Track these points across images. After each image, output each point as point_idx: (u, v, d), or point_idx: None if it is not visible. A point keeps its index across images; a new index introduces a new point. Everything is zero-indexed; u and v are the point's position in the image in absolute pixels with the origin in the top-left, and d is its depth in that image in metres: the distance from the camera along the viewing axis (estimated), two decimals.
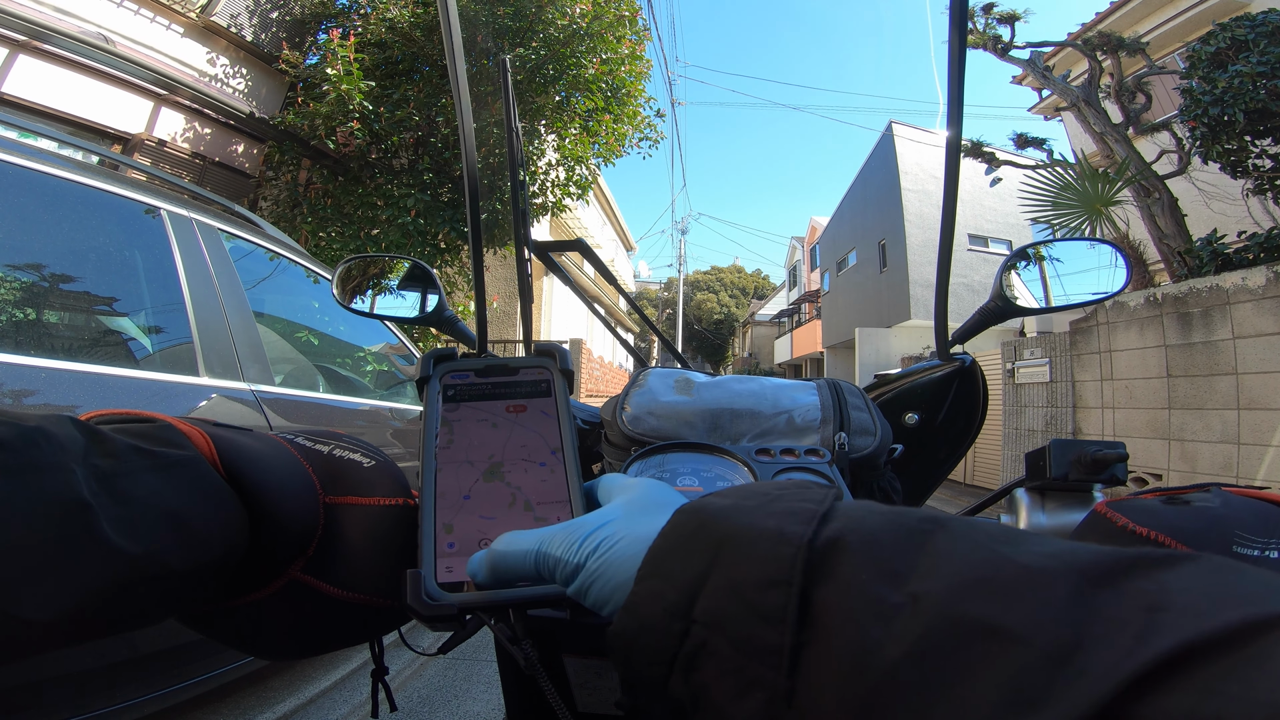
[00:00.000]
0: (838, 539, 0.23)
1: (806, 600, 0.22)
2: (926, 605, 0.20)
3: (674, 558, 0.27)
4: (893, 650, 0.19)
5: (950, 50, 0.71)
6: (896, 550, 0.22)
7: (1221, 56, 5.06)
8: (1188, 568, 0.19)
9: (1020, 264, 0.87)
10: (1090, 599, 0.18)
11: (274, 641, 0.40)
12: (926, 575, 0.21)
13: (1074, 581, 0.19)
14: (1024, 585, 0.19)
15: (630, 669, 0.28)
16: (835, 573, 0.22)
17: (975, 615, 0.19)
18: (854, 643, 0.20)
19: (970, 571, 0.20)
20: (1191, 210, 6.00)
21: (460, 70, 0.69)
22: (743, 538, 0.25)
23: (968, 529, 0.23)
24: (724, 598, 0.24)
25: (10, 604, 0.25)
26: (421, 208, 6.09)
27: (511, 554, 0.34)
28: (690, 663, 0.24)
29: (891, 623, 0.20)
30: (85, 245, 1.65)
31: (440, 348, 0.49)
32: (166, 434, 0.34)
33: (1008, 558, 0.20)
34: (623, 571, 0.29)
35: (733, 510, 0.27)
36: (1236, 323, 4.37)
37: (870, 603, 0.21)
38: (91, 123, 5.50)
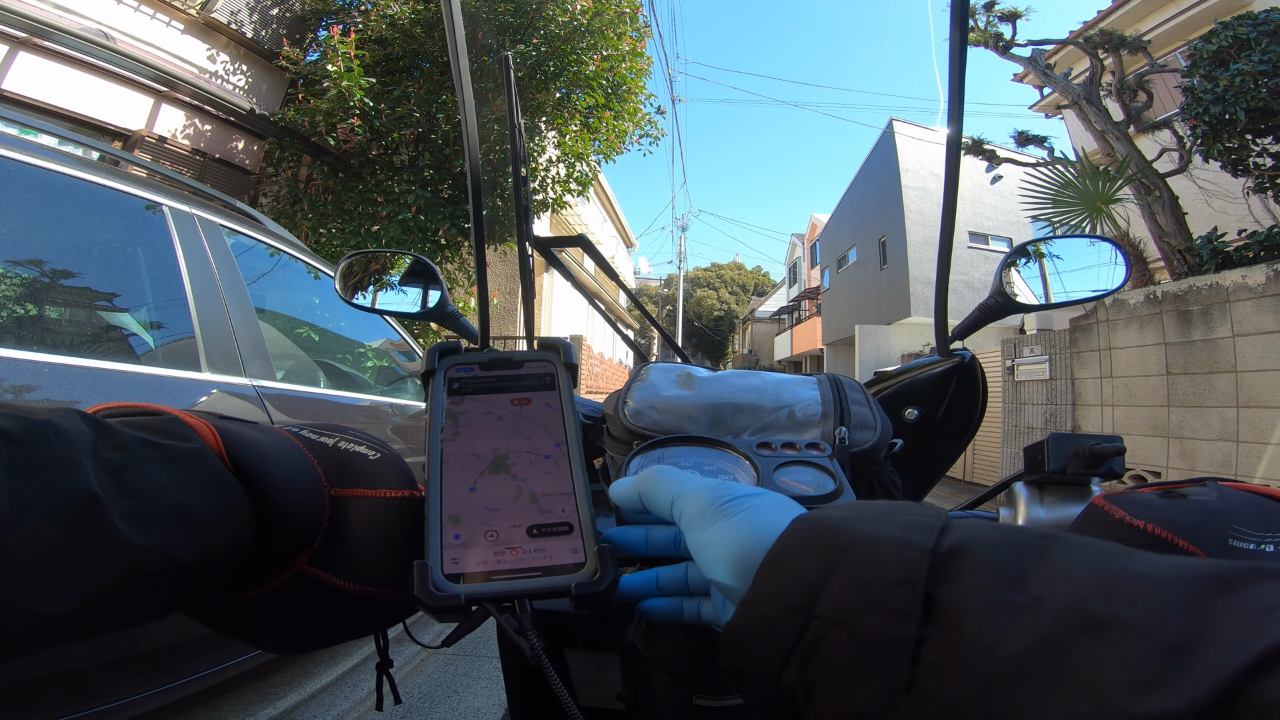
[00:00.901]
0: (959, 545, 0.25)
1: (930, 599, 0.23)
2: (1050, 604, 0.21)
3: (796, 560, 0.28)
4: (1017, 643, 0.20)
5: (951, 48, 0.71)
6: (1016, 559, 0.23)
7: (1223, 55, 5.05)
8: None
9: (1020, 261, 0.87)
10: (1209, 601, 0.19)
11: (280, 634, 0.41)
12: (1048, 581, 0.22)
13: (1193, 587, 0.20)
14: (1145, 588, 0.20)
15: (745, 660, 0.29)
16: (959, 576, 0.23)
17: (1098, 612, 0.20)
18: (979, 635, 0.21)
19: (1091, 578, 0.22)
20: (1192, 208, 5.99)
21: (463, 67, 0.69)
22: (867, 543, 0.26)
23: (1087, 544, 0.24)
24: (848, 596, 0.25)
25: (22, 597, 0.25)
26: (422, 204, 6.09)
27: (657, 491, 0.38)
28: (809, 655, 0.26)
29: (1016, 619, 0.21)
30: (87, 241, 1.65)
31: (444, 342, 0.50)
32: (173, 427, 0.34)
33: (1128, 567, 0.22)
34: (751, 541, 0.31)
35: (855, 520, 0.28)
36: (1236, 321, 4.37)
37: (994, 601, 0.22)
38: (92, 119, 5.50)
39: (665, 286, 51.39)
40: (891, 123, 17.90)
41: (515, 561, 0.38)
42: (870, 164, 19.82)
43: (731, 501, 0.34)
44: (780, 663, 0.27)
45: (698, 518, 0.34)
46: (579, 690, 0.64)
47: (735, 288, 47.83)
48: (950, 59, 0.72)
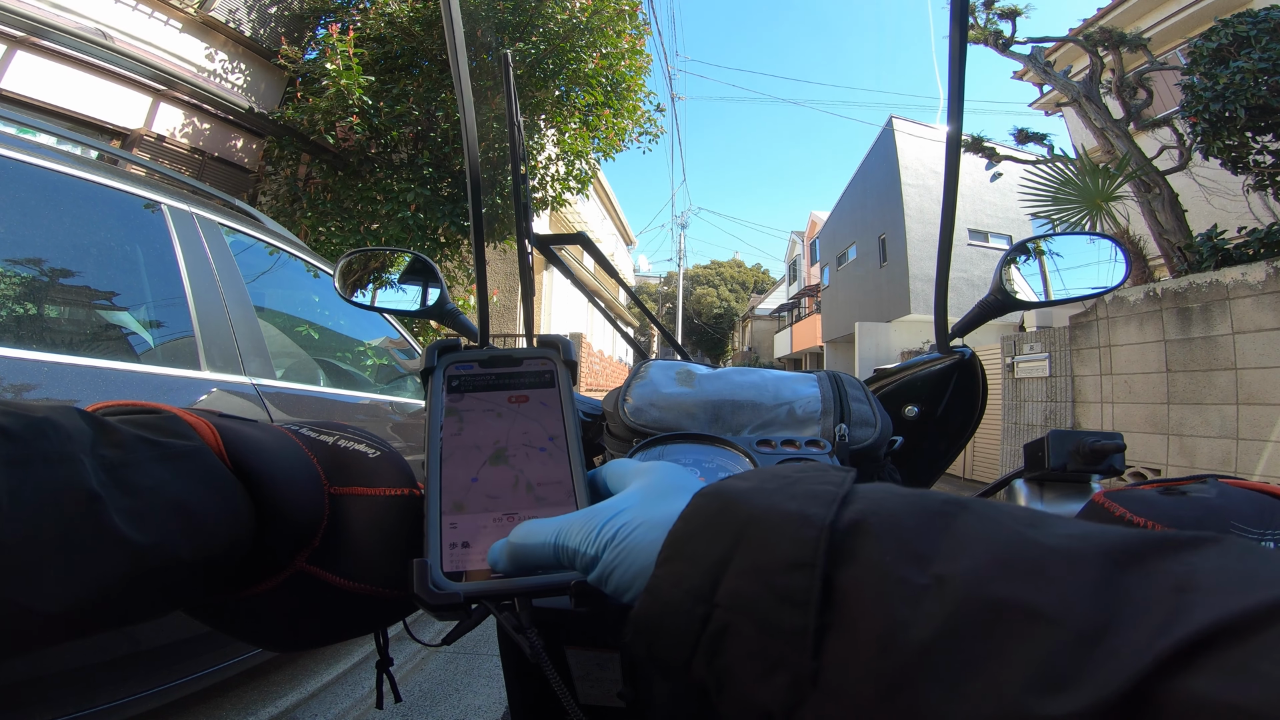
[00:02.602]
0: (859, 521, 0.23)
1: (830, 582, 0.22)
2: (953, 586, 0.20)
3: (696, 540, 0.27)
4: (920, 631, 0.20)
5: (951, 45, 0.71)
6: (919, 532, 0.22)
7: (1223, 52, 5.04)
8: (1213, 550, 0.19)
9: (1020, 258, 0.87)
10: (1119, 580, 0.19)
11: (280, 632, 0.41)
12: (951, 557, 0.21)
13: (1101, 563, 0.19)
14: (1051, 566, 0.20)
15: (653, 653, 0.28)
16: (858, 555, 0.22)
17: (1003, 596, 0.19)
18: (880, 624, 0.21)
19: (996, 553, 0.21)
20: (1192, 206, 5.99)
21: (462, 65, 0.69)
22: (765, 521, 0.25)
23: (990, 511, 0.23)
24: (747, 581, 0.24)
25: (22, 596, 0.25)
26: (421, 202, 6.08)
27: (531, 544, 0.34)
28: (714, 645, 0.25)
29: (918, 604, 0.20)
30: (86, 240, 1.65)
31: (444, 339, 0.50)
32: (172, 425, 0.34)
33: (1033, 540, 0.21)
34: (642, 557, 0.30)
35: (754, 493, 0.27)
36: (1236, 318, 4.37)
37: (895, 584, 0.21)
38: (90, 118, 5.49)
39: (665, 284, 51.39)
40: (891, 120, 17.89)
41: None
42: (870, 161, 19.81)
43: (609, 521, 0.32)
44: (688, 653, 0.26)
45: (582, 559, 0.32)
46: (579, 688, 0.64)
47: (735, 285, 47.81)
48: (950, 56, 0.72)
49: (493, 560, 0.36)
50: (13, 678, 1.23)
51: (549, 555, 0.33)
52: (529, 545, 0.34)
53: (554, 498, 0.41)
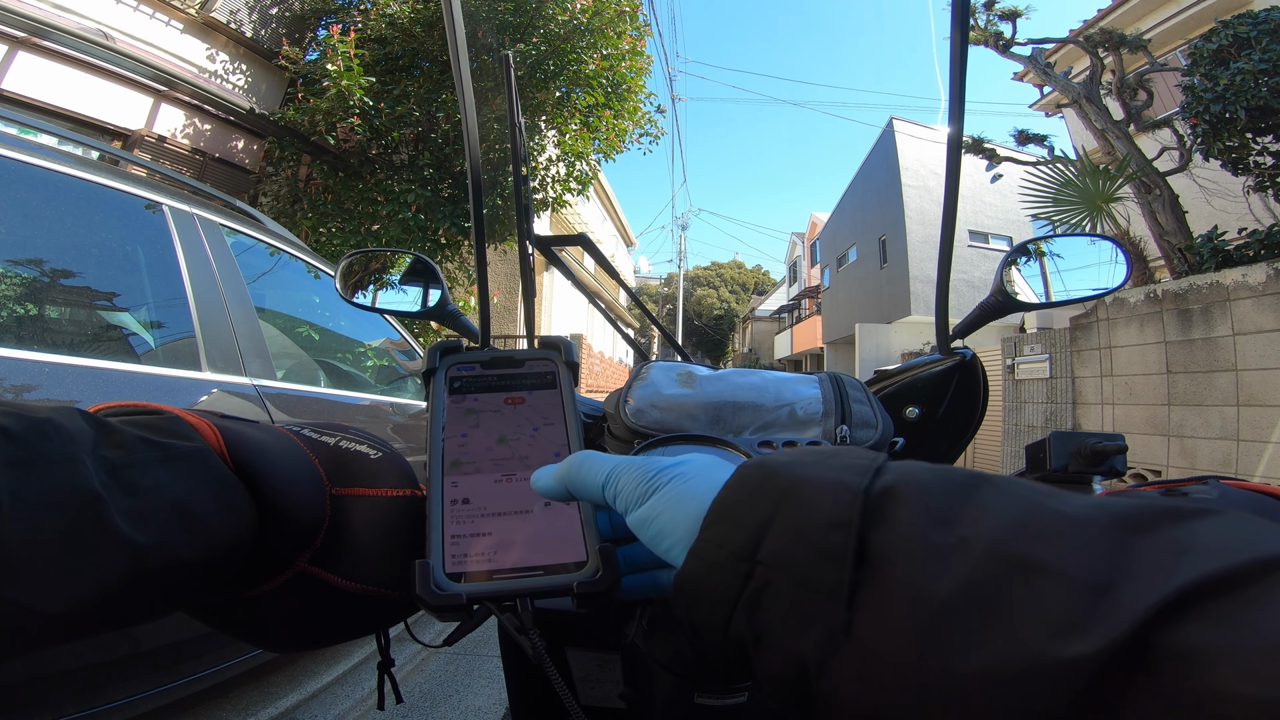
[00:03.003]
0: (891, 488, 0.25)
1: (864, 542, 0.24)
2: (976, 546, 0.22)
3: (741, 506, 0.28)
4: (945, 585, 0.21)
5: (952, 46, 0.71)
6: (946, 499, 0.24)
7: (1223, 54, 5.05)
8: (1215, 518, 0.21)
9: (1021, 259, 0.87)
10: (1125, 542, 0.20)
11: (281, 633, 0.40)
12: (974, 521, 0.23)
13: (1111, 527, 0.21)
14: (1065, 529, 0.21)
15: (693, 613, 0.29)
16: (890, 518, 0.24)
17: (1022, 554, 0.21)
18: (909, 579, 0.22)
19: (1015, 517, 0.22)
20: (1192, 207, 5.99)
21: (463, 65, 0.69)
22: (805, 487, 0.27)
23: (1010, 483, 0.24)
24: (788, 540, 0.26)
25: (24, 596, 0.25)
26: (422, 203, 6.08)
27: (583, 474, 0.35)
28: (754, 602, 0.26)
29: (944, 561, 0.22)
30: (87, 240, 1.65)
31: (445, 340, 0.50)
32: (174, 426, 0.34)
33: (1049, 507, 0.22)
34: (688, 508, 0.31)
35: (795, 465, 0.29)
36: (1237, 319, 4.37)
37: (923, 544, 0.23)
38: (91, 119, 5.49)
39: (665, 285, 51.41)
40: (892, 121, 17.90)
41: (516, 560, 0.38)
42: (870, 163, 19.81)
43: (662, 471, 0.33)
44: (728, 611, 0.27)
45: (630, 497, 0.33)
46: (580, 689, 0.64)
47: (735, 286, 47.82)
48: (951, 57, 0.72)
49: (536, 483, 0.37)
50: (13, 678, 1.23)
51: (597, 488, 0.35)
52: (582, 475, 0.35)
53: (559, 504, 0.41)
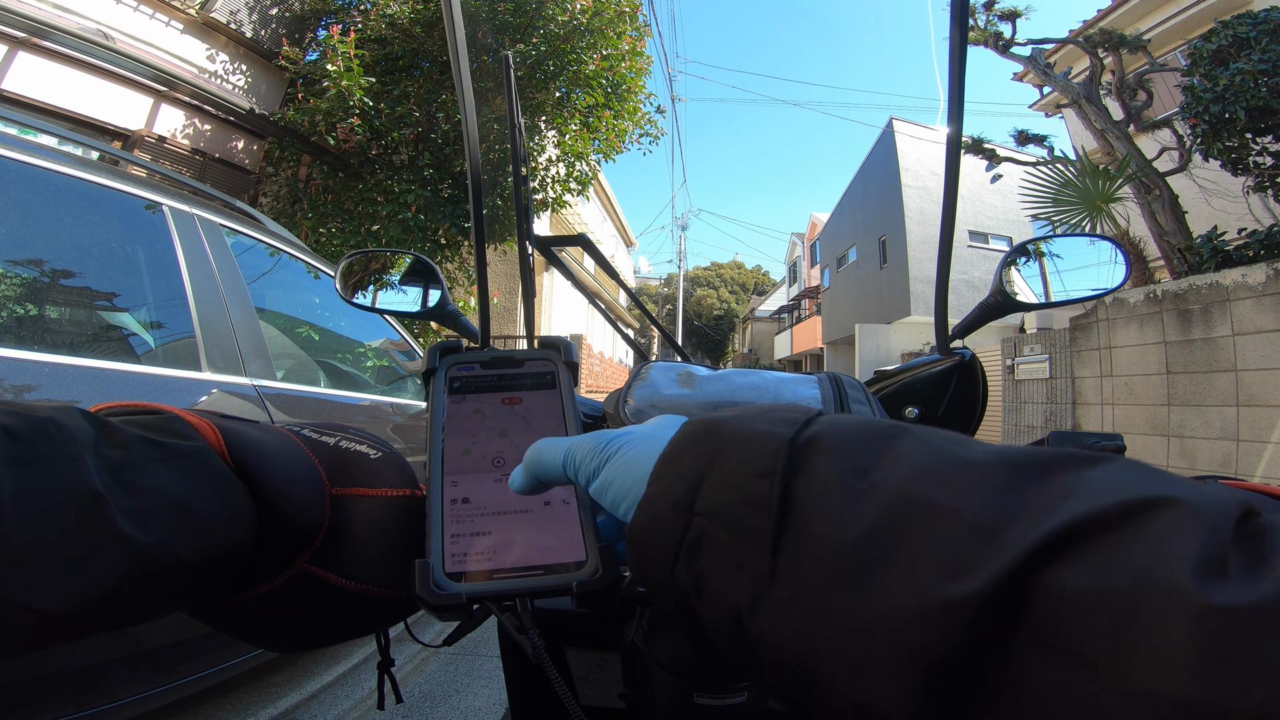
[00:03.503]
0: (815, 438, 0.26)
1: (787, 490, 0.25)
2: (885, 491, 0.23)
3: (681, 459, 0.30)
4: (854, 528, 0.22)
5: (951, 47, 0.71)
6: (864, 448, 0.25)
7: (1223, 54, 5.05)
8: (1107, 465, 0.21)
9: (1020, 260, 0.87)
10: (1019, 486, 0.21)
11: (281, 633, 0.41)
12: (887, 468, 0.24)
13: (1008, 472, 0.22)
14: (966, 473, 0.22)
15: (643, 564, 0.30)
16: (811, 466, 0.25)
17: (923, 496, 0.22)
18: (824, 523, 0.23)
19: (922, 464, 0.23)
20: (1192, 207, 6.00)
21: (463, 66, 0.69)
22: (737, 439, 0.28)
23: (928, 433, 0.25)
24: (720, 491, 0.27)
25: (25, 595, 0.25)
26: (422, 204, 6.09)
27: (544, 459, 0.37)
28: (693, 551, 0.27)
29: (855, 506, 0.23)
30: (87, 241, 1.65)
31: (445, 341, 0.50)
32: (175, 425, 0.34)
33: (955, 454, 0.23)
34: (637, 472, 0.32)
35: (733, 419, 0.30)
36: (1236, 319, 4.37)
37: (839, 490, 0.24)
38: (92, 119, 5.50)
39: (665, 285, 51.42)
40: (891, 122, 17.91)
41: (516, 560, 0.38)
42: (870, 163, 19.82)
43: (612, 441, 0.35)
44: (671, 561, 0.28)
45: (587, 469, 0.35)
46: (580, 689, 0.64)
47: (735, 287, 47.84)
48: (950, 58, 0.72)
49: (511, 483, 0.39)
50: (13, 678, 1.23)
51: (559, 468, 0.36)
52: (543, 460, 0.37)
53: (554, 495, 0.41)
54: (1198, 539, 0.17)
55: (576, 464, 0.36)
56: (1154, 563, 0.17)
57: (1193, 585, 0.16)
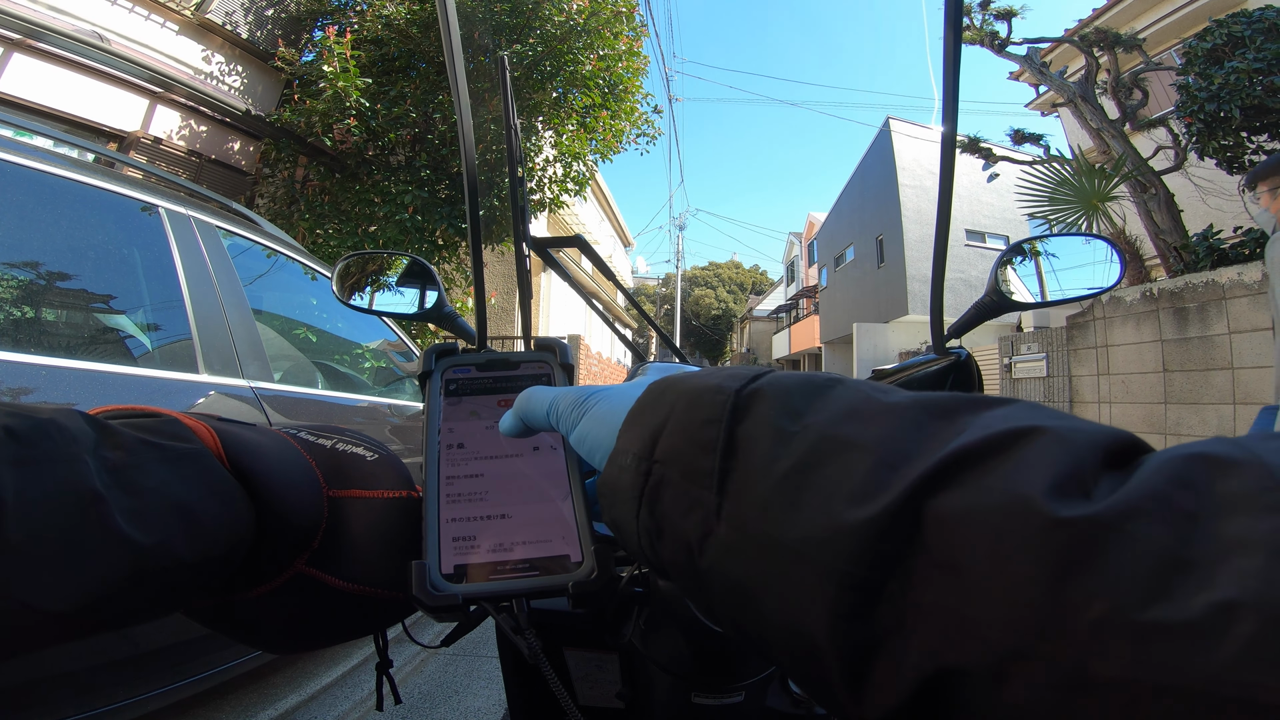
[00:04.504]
0: (758, 389, 0.28)
1: (732, 434, 0.27)
2: (810, 431, 0.25)
3: (644, 414, 0.32)
4: (784, 464, 0.25)
5: (945, 46, 0.71)
6: (801, 396, 0.27)
7: (1218, 53, 5.07)
8: (1009, 405, 0.23)
9: (1016, 259, 0.87)
10: (928, 424, 0.23)
11: (280, 634, 0.41)
12: (818, 411, 0.26)
13: (920, 412, 0.24)
14: (883, 415, 0.24)
15: (612, 512, 0.32)
16: (753, 412, 0.27)
17: (842, 435, 0.24)
18: (760, 461, 0.25)
19: (846, 408, 0.26)
20: (1188, 206, 6.01)
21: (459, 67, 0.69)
22: (691, 393, 0.30)
23: (858, 383, 0.28)
24: (676, 438, 0.29)
25: (29, 594, 0.25)
26: (419, 204, 6.08)
27: (531, 408, 0.40)
28: (654, 496, 0.29)
29: (787, 445, 0.25)
30: (83, 243, 1.65)
31: (441, 343, 0.50)
32: (172, 428, 0.35)
33: (877, 399, 0.25)
34: (611, 423, 0.34)
35: (689, 376, 0.32)
36: (1232, 318, 4.38)
37: (775, 432, 0.26)
38: (87, 120, 5.48)
39: (663, 285, 51.44)
40: (888, 121, 17.93)
41: (513, 561, 0.38)
42: (867, 162, 19.85)
43: (591, 395, 0.37)
44: (635, 507, 0.30)
45: (568, 420, 0.37)
46: (578, 689, 0.64)
47: (733, 286, 47.87)
48: (944, 57, 0.72)
49: (501, 425, 0.41)
50: (12, 680, 1.23)
51: (543, 416, 0.39)
52: (531, 406, 0.40)
53: (550, 495, 0.42)
54: (1057, 461, 0.19)
55: (559, 414, 0.38)
56: (1016, 483, 0.19)
57: (1043, 501, 0.18)
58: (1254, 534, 0.16)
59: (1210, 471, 0.18)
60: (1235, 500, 0.17)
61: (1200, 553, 0.16)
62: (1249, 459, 0.17)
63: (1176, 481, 0.18)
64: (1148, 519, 0.17)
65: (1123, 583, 0.16)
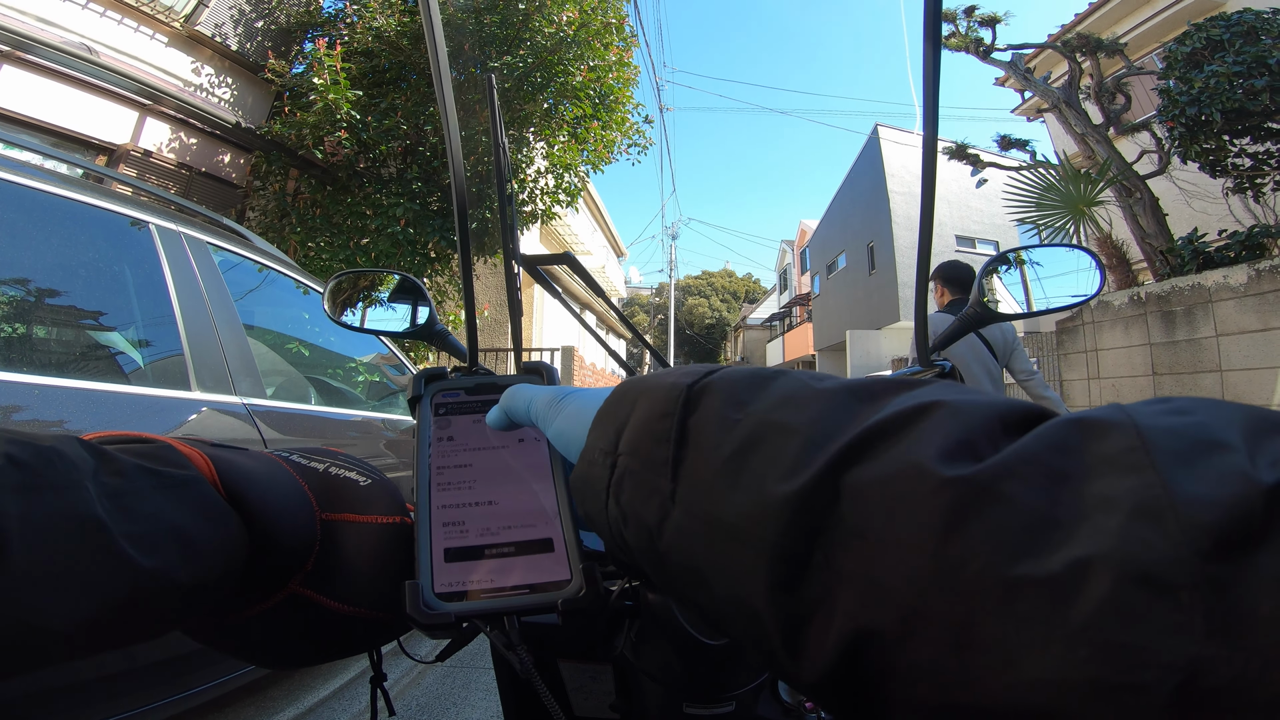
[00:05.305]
0: (708, 383, 0.30)
1: (684, 425, 0.29)
2: (749, 417, 0.27)
3: (611, 413, 0.34)
4: (727, 448, 0.26)
5: (925, 54, 0.73)
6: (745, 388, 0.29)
7: (1197, 56, 5.14)
8: (925, 386, 0.25)
9: (1001, 268, 0.89)
10: (854, 407, 0.25)
11: (275, 652, 0.42)
12: (760, 400, 0.28)
13: (849, 397, 0.25)
14: (815, 399, 0.26)
15: (585, 505, 0.34)
16: (703, 404, 0.29)
17: (777, 419, 0.26)
18: (707, 448, 0.27)
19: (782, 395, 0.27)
20: (1173, 209, 6.08)
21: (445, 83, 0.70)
22: (651, 390, 0.32)
23: (799, 374, 0.29)
24: (635, 432, 0.31)
25: (33, 616, 0.26)
26: (410, 217, 6.09)
27: (516, 402, 0.43)
28: (619, 487, 0.31)
29: (730, 431, 0.27)
30: (74, 260, 1.64)
31: (431, 367, 0.51)
32: (168, 454, 0.36)
33: (812, 386, 0.27)
34: (581, 422, 0.36)
35: (650, 376, 0.34)
36: (1219, 320, 4.43)
37: (720, 420, 0.28)
38: (76, 133, 5.48)
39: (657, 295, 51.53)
40: (877, 128, 18.06)
41: (503, 580, 0.39)
42: (857, 169, 19.97)
43: (567, 395, 0.40)
44: (604, 499, 0.32)
45: (545, 414, 0.40)
46: (573, 700, 0.64)
47: (726, 295, 48.02)
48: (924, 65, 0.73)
49: (489, 419, 0.44)
50: (8, 695, 1.22)
51: (524, 412, 0.42)
52: (514, 403, 0.42)
53: (540, 517, 0.43)
54: (949, 430, 0.21)
55: (537, 410, 0.40)
56: (912, 451, 0.20)
57: (934, 464, 0.19)
58: (1115, 492, 0.17)
59: (1084, 434, 0.19)
60: (1102, 461, 0.18)
61: (1065, 511, 0.17)
62: (1123, 421, 0.18)
63: (1053, 444, 0.19)
64: (1022, 480, 0.18)
65: (995, 540, 0.17)
